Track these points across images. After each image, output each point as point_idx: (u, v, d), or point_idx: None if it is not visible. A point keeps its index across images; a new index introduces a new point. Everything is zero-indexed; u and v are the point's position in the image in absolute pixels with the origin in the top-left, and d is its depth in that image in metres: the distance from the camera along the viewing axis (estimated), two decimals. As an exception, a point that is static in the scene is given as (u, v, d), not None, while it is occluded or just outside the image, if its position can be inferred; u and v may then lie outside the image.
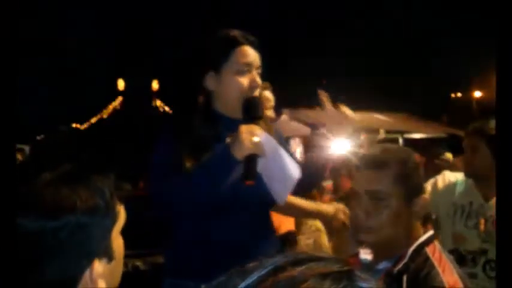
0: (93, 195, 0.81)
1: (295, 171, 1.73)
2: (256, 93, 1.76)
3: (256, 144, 1.61)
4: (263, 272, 0.43)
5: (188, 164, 1.64)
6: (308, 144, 2.71)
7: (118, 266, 0.89)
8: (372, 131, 5.98)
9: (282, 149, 1.72)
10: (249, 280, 0.43)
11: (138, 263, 4.41)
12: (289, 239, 2.82)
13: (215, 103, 1.76)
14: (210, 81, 1.72)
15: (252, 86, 1.72)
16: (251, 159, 1.61)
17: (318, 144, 2.07)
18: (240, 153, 1.59)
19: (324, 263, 0.44)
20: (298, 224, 3.07)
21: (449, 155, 5.19)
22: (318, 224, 3.00)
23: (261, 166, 1.65)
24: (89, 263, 0.81)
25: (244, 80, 1.71)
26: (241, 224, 1.76)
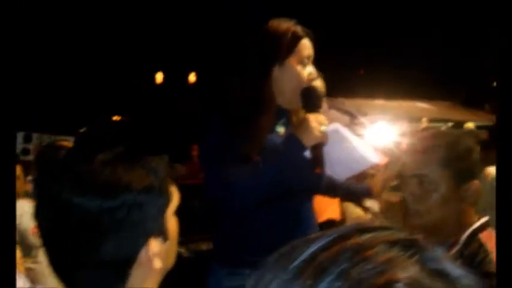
0: (148, 174, 0.82)
1: (372, 156, 1.78)
2: (315, 83, 1.80)
3: (324, 133, 1.63)
4: (328, 239, 0.43)
5: (245, 154, 1.67)
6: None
7: (173, 246, 0.90)
8: (414, 119, 5.88)
9: (353, 137, 1.77)
10: (313, 247, 0.43)
11: (182, 250, 4.53)
12: (330, 227, 2.82)
13: (277, 95, 1.79)
14: (274, 73, 1.75)
15: (312, 77, 1.77)
16: (319, 148, 1.65)
17: (357, 133, 2.06)
18: (308, 142, 1.62)
19: (390, 231, 0.43)
20: (342, 212, 3.07)
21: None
22: (359, 211, 2.99)
23: (328, 153, 1.69)
24: (145, 242, 0.83)
25: (305, 72, 1.75)
26: (294, 211, 1.79)
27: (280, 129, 1.79)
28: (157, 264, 0.84)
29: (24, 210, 2.57)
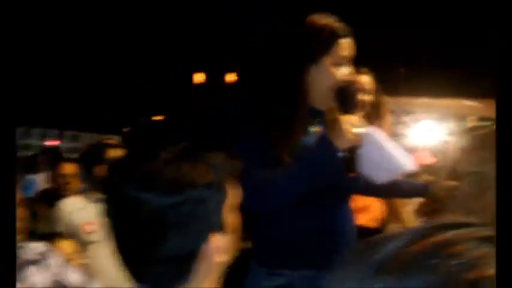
0: (209, 170, 0.85)
1: (404, 163, 1.72)
2: (353, 82, 1.74)
3: (357, 136, 1.59)
4: (412, 235, 0.43)
5: (278, 155, 1.65)
6: (390, 132, 2.66)
7: (233, 240, 0.92)
8: (461, 118, 5.72)
9: (387, 140, 1.71)
10: (397, 243, 0.42)
11: None
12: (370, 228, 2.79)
13: (310, 95, 1.73)
14: (308, 73, 1.69)
15: (347, 78, 1.70)
16: (353, 151, 1.60)
17: (400, 133, 2.02)
18: (341, 145, 1.57)
19: (475, 228, 0.43)
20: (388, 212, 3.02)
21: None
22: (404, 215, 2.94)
23: (361, 156, 1.63)
24: (207, 236, 0.85)
25: (341, 73, 1.69)
26: (332, 213, 1.77)
27: (315, 129, 1.75)
28: (219, 258, 0.87)
29: (75, 206, 2.66)
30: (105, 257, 2.67)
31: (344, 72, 1.70)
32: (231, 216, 0.90)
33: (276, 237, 1.79)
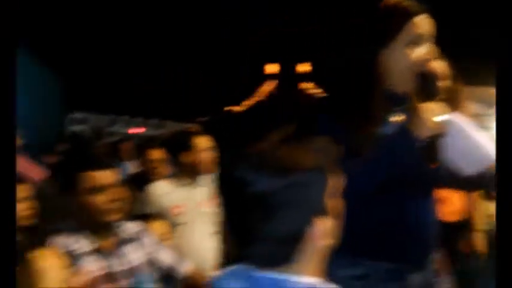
0: (315, 154, 0.88)
1: (493, 153, 1.55)
2: (431, 66, 1.63)
3: (439, 124, 1.52)
4: None
5: (355, 145, 1.59)
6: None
7: (337, 225, 0.94)
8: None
9: (472, 128, 1.60)
10: None
11: None
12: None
13: (386, 80, 1.65)
14: (382, 56, 1.62)
15: (425, 58, 1.60)
16: (435, 140, 1.54)
17: (485, 125, 1.90)
18: (422, 134, 1.52)
19: None
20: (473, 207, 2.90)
21: None
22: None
23: (444, 146, 1.56)
24: (312, 220, 0.87)
25: (417, 53, 1.59)
26: (412, 204, 1.71)
27: (396, 118, 1.67)
28: (323, 242, 0.89)
29: (164, 190, 2.83)
30: (193, 238, 2.82)
31: (422, 51, 1.60)
32: (333, 202, 0.91)
33: (356, 226, 1.78)
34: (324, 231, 0.89)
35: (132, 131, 8.58)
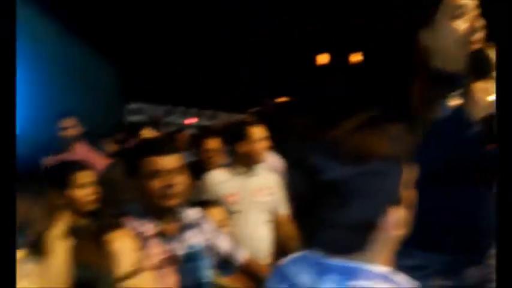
0: (391, 143, 0.86)
1: None
2: (481, 40, 1.54)
3: (494, 104, 1.45)
4: None
5: (409, 132, 1.58)
6: None
7: (408, 215, 0.91)
8: None
9: None
10: None
11: None
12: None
13: (432, 59, 1.55)
14: (425, 35, 1.54)
15: (471, 30, 1.50)
16: (490, 120, 1.47)
17: None
18: (476, 114, 1.48)
19: None
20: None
21: None
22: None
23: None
24: (386, 209, 0.86)
25: (462, 25, 1.49)
26: (470, 195, 1.67)
27: (451, 100, 1.62)
28: (396, 231, 0.87)
29: (220, 179, 2.88)
30: (247, 226, 2.86)
31: (465, 25, 1.50)
32: (407, 191, 0.88)
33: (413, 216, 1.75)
34: (397, 221, 0.87)
35: (188, 121, 8.77)
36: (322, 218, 0.87)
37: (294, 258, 1.06)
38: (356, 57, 12.54)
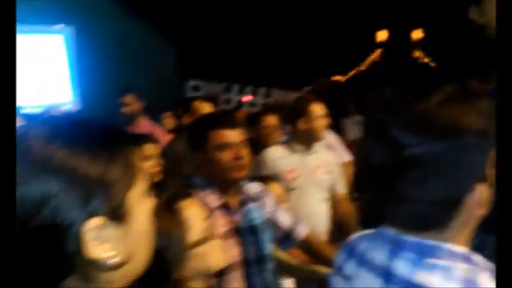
0: (481, 117, 0.81)
1: None
2: None
3: None
4: None
5: None
6: None
7: (492, 194, 0.86)
8: None
9: None
10: None
11: None
12: None
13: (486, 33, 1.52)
14: (474, 12, 1.53)
15: None
16: None
17: None
18: None
19: None
20: None
21: None
22: None
23: None
24: (472, 186, 0.82)
25: None
26: None
27: None
28: (480, 210, 0.84)
29: (279, 155, 2.90)
30: (305, 203, 2.88)
31: None
32: (492, 169, 0.84)
33: None
34: (482, 199, 0.83)
35: (244, 98, 8.83)
36: (402, 193, 0.84)
37: (365, 234, 1.05)
38: (416, 35, 12.10)
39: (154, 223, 0.75)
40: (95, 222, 0.63)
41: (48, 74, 6.29)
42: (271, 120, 3.64)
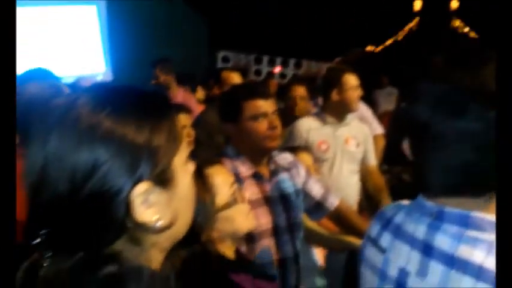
0: None
1: None
2: None
3: None
4: None
5: None
6: None
7: None
8: None
9: None
10: None
11: (405, 176, 4.50)
12: None
13: None
14: None
15: None
16: None
17: None
18: None
19: None
20: None
21: None
22: None
23: None
24: None
25: None
26: None
27: None
28: None
29: (311, 126, 2.89)
30: (336, 174, 2.88)
31: None
32: None
33: None
34: None
35: (274, 70, 8.77)
36: (449, 158, 0.84)
37: (401, 206, 1.03)
38: (454, 4, 11.70)
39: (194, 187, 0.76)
40: (142, 187, 0.64)
41: (81, 44, 6.37)
42: (300, 91, 3.61)
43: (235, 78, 3.51)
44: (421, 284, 0.89)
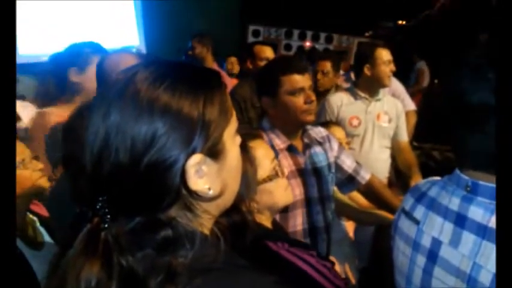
0: None
1: None
2: None
3: None
4: None
5: None
6: None
7: None
8: None
9: None
10: None
11: (435, 153, 4.47)
12: None
13: None
14: None
15: None
16: None
17: None
18: None
19: None
20: None
21: None
22: None
23: None
24: None
25: None
26: None
27: None
28: None
29: (343, 101, 2.91)
30: (367, 149, 2.91)
31: None
32: None
33: None
34: None
35: (305, 44, 8.70)
36: (491, 134, 0.85)
37: (436, 180, 1.07)
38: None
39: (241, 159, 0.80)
40: (195, 159, 0.69)
41: (115, 17, 6.45)
42: (323, 65, 3.62)
43: (268, 52, 3.53)
44: (453, 253, 0.93)
